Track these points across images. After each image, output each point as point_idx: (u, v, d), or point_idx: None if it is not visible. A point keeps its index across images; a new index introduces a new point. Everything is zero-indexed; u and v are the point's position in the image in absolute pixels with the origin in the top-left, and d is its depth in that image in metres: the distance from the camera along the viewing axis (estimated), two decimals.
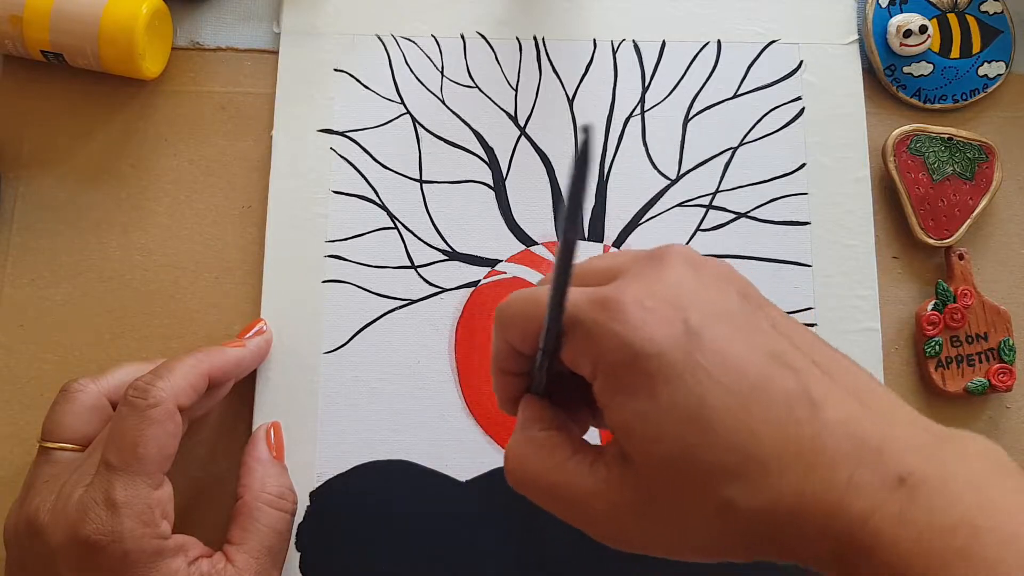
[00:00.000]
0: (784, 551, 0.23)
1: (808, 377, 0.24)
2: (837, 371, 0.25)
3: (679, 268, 0.26)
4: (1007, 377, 0.42)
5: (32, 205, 0.42)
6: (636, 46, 0.45)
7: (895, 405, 0.25)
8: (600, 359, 0.25)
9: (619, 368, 0.24)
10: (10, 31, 0.41)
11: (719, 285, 0.26)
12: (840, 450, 0.22)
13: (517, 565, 0.38)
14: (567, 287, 0.24)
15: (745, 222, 0.43)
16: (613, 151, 0.44)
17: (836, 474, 0.22)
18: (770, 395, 0.23)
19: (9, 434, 0.40)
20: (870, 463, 0.22)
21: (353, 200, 0.42)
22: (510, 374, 0.29)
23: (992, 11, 0.46)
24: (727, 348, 0.24)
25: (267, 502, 0.36)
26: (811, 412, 0.23)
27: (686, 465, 0.23)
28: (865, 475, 0.22)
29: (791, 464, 0.22)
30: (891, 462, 0.22)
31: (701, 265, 0.26)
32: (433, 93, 0.44)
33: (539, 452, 0.27)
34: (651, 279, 0.25)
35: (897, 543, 0.21)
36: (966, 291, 0.42)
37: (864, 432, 0.23)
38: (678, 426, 0.23)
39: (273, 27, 0.45)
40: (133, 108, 0.44)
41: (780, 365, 0.24)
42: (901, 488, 0.22)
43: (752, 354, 0.24)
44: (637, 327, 0.24)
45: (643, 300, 0.24)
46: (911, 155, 0.43)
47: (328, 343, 0.41)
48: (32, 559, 0.32)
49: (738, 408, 0.23)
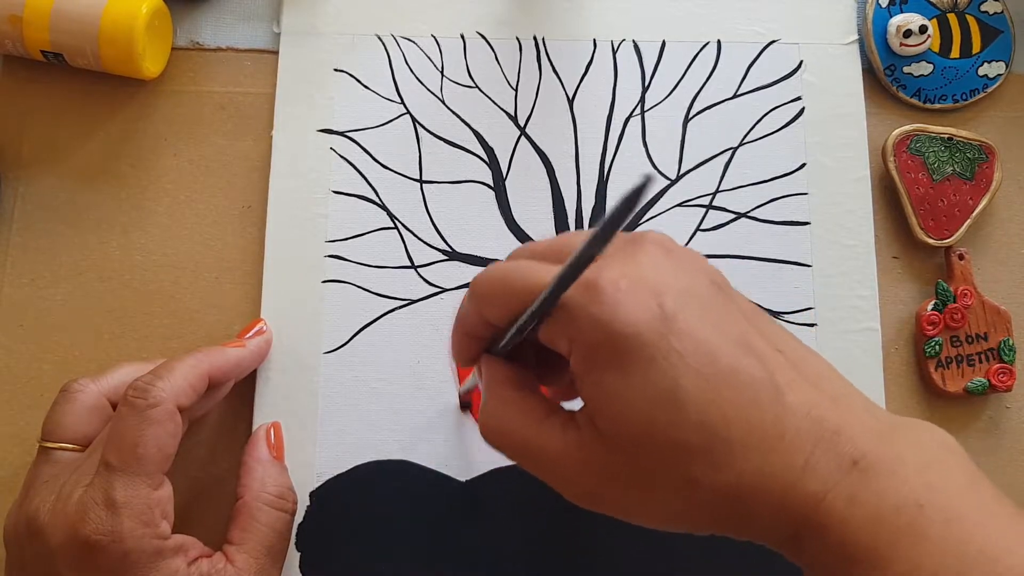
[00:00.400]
0: (743, 528, 0.25)
1: (773, 364, 0.25)
2: (799, 360, 0.26)
3: (654, 253, 0.26)
4: (1007, 377, 0.42)
5: (32, 205, 0.42)
6: (636, 46, 0.45)
7: (852, 394, 0.26)
8: (577, 337, 0.25)
9: (595, 347, 0.25)
10: (10, 31, 0.41)
11: (692, 272, 0.27)
12: (799, 434, 0.24)
13: (517, 565, 0.38)
14: (569, 286, 0.24)
15: (745, 222, 0.43)
16: (613, 151, 0.44)
17: (794, 456, 0.24)
18: (738, 379, 0.24)
19: (9, 434, 0.40)
20: (826, 446, 0.24)
21: (353, 200, 0.42)
22: (474, 337, 0.30)
23: (992, 11, 0.46)
24: (699, 333, 0.25)
25: (267, 502, 0.36)
26: (774, 397, 0.24)
27: (654, 442, 0.24)
28: (821, 457, 0.24)
29: (754, 445, 0.24)
30: (846, 446, 0.24)
31: (675, 251, 0.27)
32: (433, 93, 0.44)
33: (514, 412, 0.28)
34: (628, 262, 0.26)
35: (848, 521, 0.23)
36: (966, 291, 0.42)
37: (822, 417, 0.24)
38: (649, 405, 0.24)
39: (273, 27, 0.45)
40: (133, 108, 0.44)
41: (747, 352, 0.25)
42: (854, 470, 0.24)
43: (722, 340, 0.25)
44: (614, 308, 0.24)
45: (620, 282, 0.25)
46: (911, 155, 0.43)
47: (328, 343, 0.41)
48: (32, 559, 0.32)
49: (708, 391, 0.24)
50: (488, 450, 0.29)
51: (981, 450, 0.42)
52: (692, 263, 0.27)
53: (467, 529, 0.39)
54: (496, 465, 0.40)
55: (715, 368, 0.24)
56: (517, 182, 0.43)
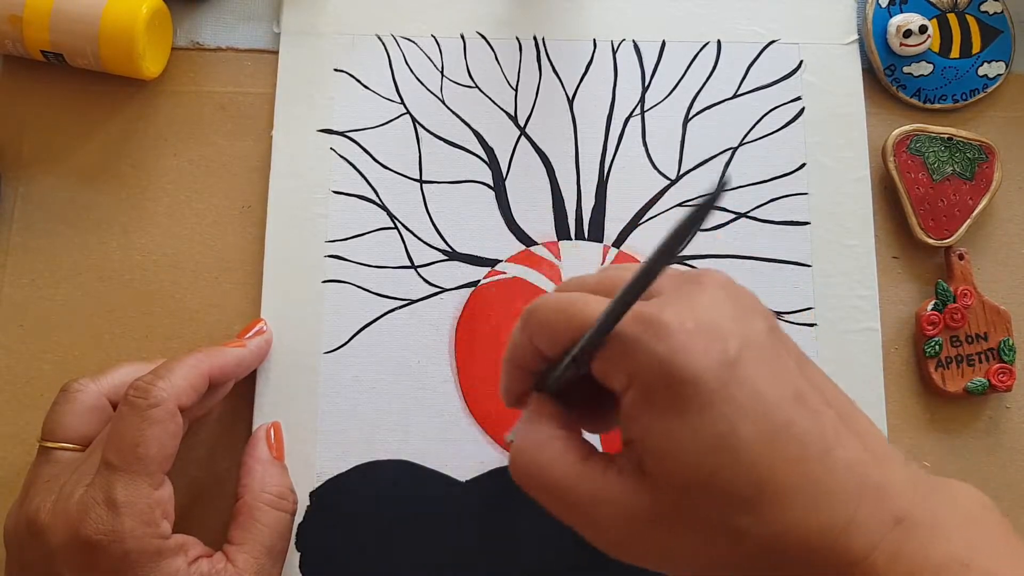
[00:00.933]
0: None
1: (824, 419, 0.25)
2: (846, 414, 0.26)
3: (717, 295, 0.26)
4: (1007, 377, 0.42)
5: (32, 205, 0.42)
6: (636, 46, 0.45)
7: (891, 450, 0.26)
8: (636, 375, 0.25)
9: (654, 386, 0.25)
10: (10, 31, 0.41)
11: (752, 316, 0.26)
12: (845, 489, 0.24)
13: (517, 565, 0.38)
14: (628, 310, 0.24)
15: (745, 222, 0.43)
16: (613, 151, 0.44)
17: (840, 512, 0.24)
18: (790, 433, 0.24)
19: (9, 434, 0.40)
20: (870, 503, 0.24)
21: (353, 200, 0.42)
22: (524, 370, 0.29)
23: (992, 11, 0.46)
24: (758, 383, 0.25)
25: (267, 502, 0.36)
26: (824, 452, 0.24)
27: (704, 488, 0.24)
28: (865, 514, 0.24)
29: (801, 499, 0.24)
30: (889, 503, 0.24)
31: (736, 293, 0.27)
32: (433, 93, 0.44)
33: (551, 450, 0.27)
34: (691, 303, 0.25)
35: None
36: (966, 291, 0.42)
37: (867, 474, 0.24)
38: (703, 449, 0.24)
39: (273, 27, 0.45)
40: (133, 108, 0.44)
41: (801, 405, 0.25)
42: (898, 527, 0.24)
43: (778, 392, 0.25)
44: (678, 350, 0.24)
45: (685, 322, 0.25)
46: (911, 155, 0.43)
47: (328, 343, 0.41)
48: (32, 559, 0.32)
49: (761, 442, 0.24)
50: (488, 450, 0.29)
51: (981, 450, 0.42)
52: (751, 306, 0.27)
53: (467, 529, 0.39)
54: (496, 465, 0.40)
55: (770, 420, 0.24)
56: (517, 182, 0.43)
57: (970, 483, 0.38)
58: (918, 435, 0.42)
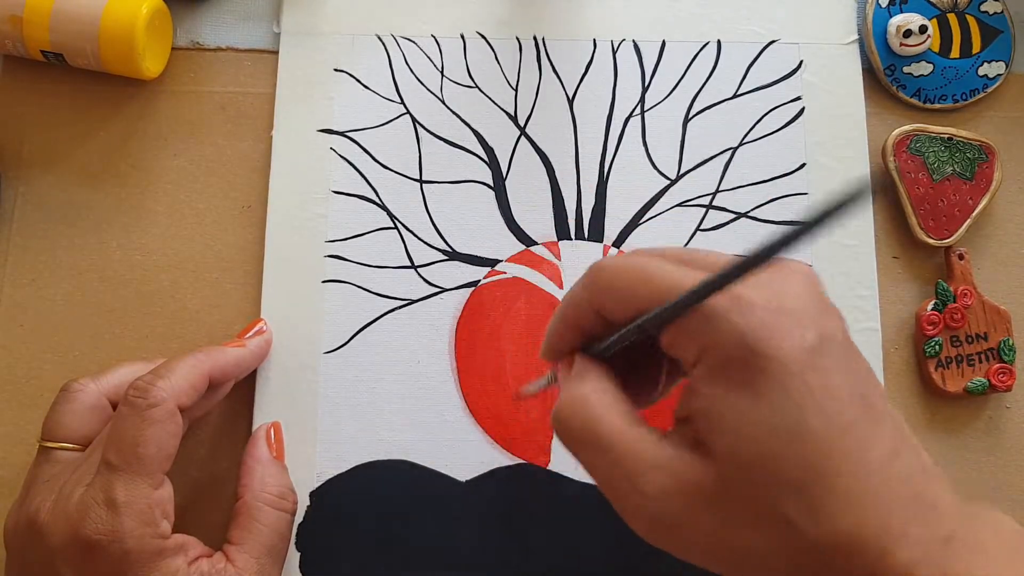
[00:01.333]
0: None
1: (887, 427, 0.25)
2: (903, 427, 0.26)
3: (803, 285, 0.26)
4: (1007, 377, 0.42)
5: (32, 205, 0.42)
6: (636, 46, 0.45)
7: (939, 469, 0.26)
8: (712, 347, 0.25)
9: (731, 361, 0.24)
10: (10, 31, 0.41)
11: (834, 315, 0.26)
12: (900, 501, 0.24)
13: (517, 565, 0.38)
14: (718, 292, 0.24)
15: (745, 222, 0.43)
16: (613, 151, 0.44)
17: (892, 523, 0.24)
18: (856, 434, 0.24)
19: (9, 434, 0.40)
20: (922, 518, 0.24)
21: (353, 200, 0.42)
22: (577, 329, 0.28)
23: (992, 11, 0.46)
24: (833, 376, 0.24)
25: (267, 502, 0.36)
26: (885, 460, 0.24)
27: (764, 470, 0.24)
28: (916, 529, 0.24)
29: (856, 502, 0.24)
30: (940, 521, 0.24)
31: (819, 290, 0.27)
32: (433, 93, 0.44)
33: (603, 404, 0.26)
34: (777, 288, 0.25)
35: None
36: (966, 291, 0.42)
37: (921, 490, 0.24)
38: (771, 432, 0.24)
39: (273, 27, 0.45)
40: (133, 108, 0.44)
41: (869, 409, 0.25)
42: (947, 546, 0.24)
43: (851, 390, 0.25)
44: (761, 328, 0.24)
45: (771, 303, 0.25)
46: (911, 155, 0.43)
47: (328, 343, 0.41)
48: (32, 559, 0.32)
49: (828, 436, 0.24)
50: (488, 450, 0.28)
51: (981, 450, 0.42)
52: (832, 307, 0.27)
53: (467, 529, 0.39)
54: (497, 465, 0.40)
55: (840, 415, 0.24)
56: (517, 182, 0.43)
57: (970, 483, 0.39)
58: (918, 435, 0.41)
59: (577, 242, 0.42)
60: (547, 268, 0.42)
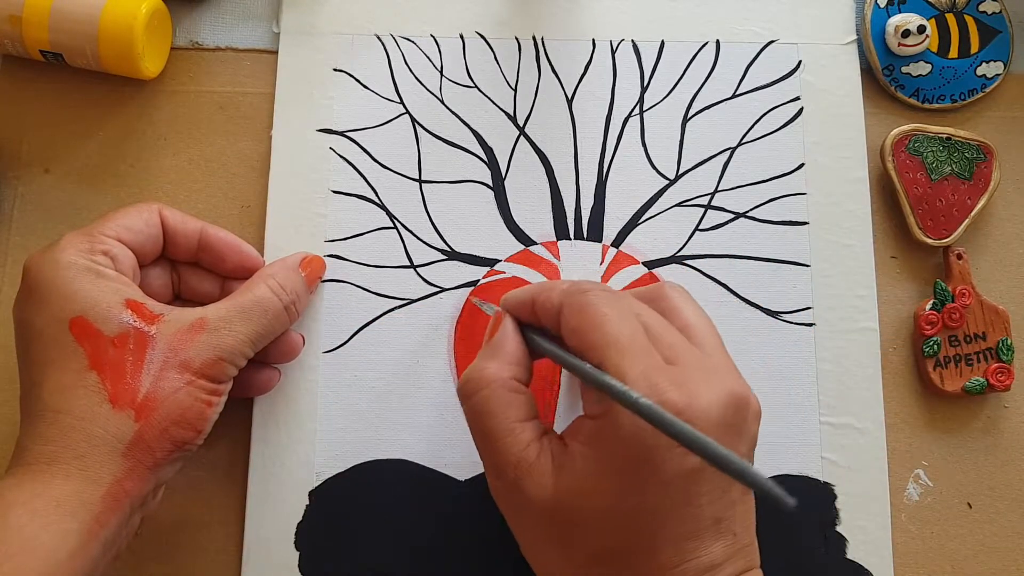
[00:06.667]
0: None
1: (713, 554, 0.29)
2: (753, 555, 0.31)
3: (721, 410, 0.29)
4: (1005, 377, 0.42)
5: (32, 205, 0.42)
6: (635, 46, 0.45)
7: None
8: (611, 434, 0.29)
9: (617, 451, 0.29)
10: (9, 31, 0.41)
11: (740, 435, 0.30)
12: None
13: (516, 564, 0.39)
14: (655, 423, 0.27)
15: (744, 222, 0.43)
16: (612, 151, 0.44)
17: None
18: (684, 547, 0.29)
19: (9, 434, 0.40)
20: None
21: (352, 200, 0.42)
22: (531, 312, 0.34)
23: (990, 11, 0.46)
24: (703, 498, 0.29)
25: (268, 283, 0.36)
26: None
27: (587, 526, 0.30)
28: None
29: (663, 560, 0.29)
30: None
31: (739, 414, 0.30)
32: (432, 93, 0.44)
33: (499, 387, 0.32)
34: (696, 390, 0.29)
35: None
36: (964, 291, 0.42)
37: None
38: (614, 504, 0.29)
39: (273, 27, 0.45)
40: (133, 108, 0.44)
41: (715, 528, 0.29)
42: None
43: (712, 514, 0.29)
44: (655, 447, 0.28)
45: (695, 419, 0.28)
46: (909, 155, 0.43)
47: (327, 343, 0.41)
48: None
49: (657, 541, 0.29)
50: None
51: (979, 450, 0.42)
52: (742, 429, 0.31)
53: (467, 529, 0.39)
54: None
55: (696, 526, 0.29)
56: (516, 182, 0.43)
57: (968, 483, 0.40)
58: (916, 435, 0.42)
59: (576, 242, 0.42)
60: (546, 268, 0.42)
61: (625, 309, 0.31)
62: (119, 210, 0.36)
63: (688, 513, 0.28)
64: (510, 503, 0.32)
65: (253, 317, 0.35)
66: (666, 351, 0.30)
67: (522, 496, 0.30)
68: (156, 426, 0.32)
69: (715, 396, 0.28)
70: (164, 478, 0.34)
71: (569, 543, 0.30)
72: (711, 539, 0.29)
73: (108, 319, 0.32)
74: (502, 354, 0.33)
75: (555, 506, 0.29)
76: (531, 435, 0.31)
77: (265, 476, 0.39)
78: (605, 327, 0.30)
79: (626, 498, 0.28)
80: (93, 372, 0.31)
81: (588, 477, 0.29)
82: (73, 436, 0.31)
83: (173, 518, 0.39)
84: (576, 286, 0.32)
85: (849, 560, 0.39)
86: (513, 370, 0.32)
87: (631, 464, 0.28)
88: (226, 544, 0.39)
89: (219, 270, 0.39)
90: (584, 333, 0.30)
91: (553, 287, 0.33)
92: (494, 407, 0.31)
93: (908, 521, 0.41)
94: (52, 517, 0.29)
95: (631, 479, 0.28)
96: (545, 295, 0.33)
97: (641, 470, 0.28)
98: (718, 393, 0.28)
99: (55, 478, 0.30)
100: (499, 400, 0.31)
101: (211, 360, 0.33)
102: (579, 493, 0.29)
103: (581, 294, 0.31)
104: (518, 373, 0.32)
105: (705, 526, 0.29)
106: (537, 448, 0.31)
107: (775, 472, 0.40)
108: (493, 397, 0.31)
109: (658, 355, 0.29)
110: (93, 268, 0.33)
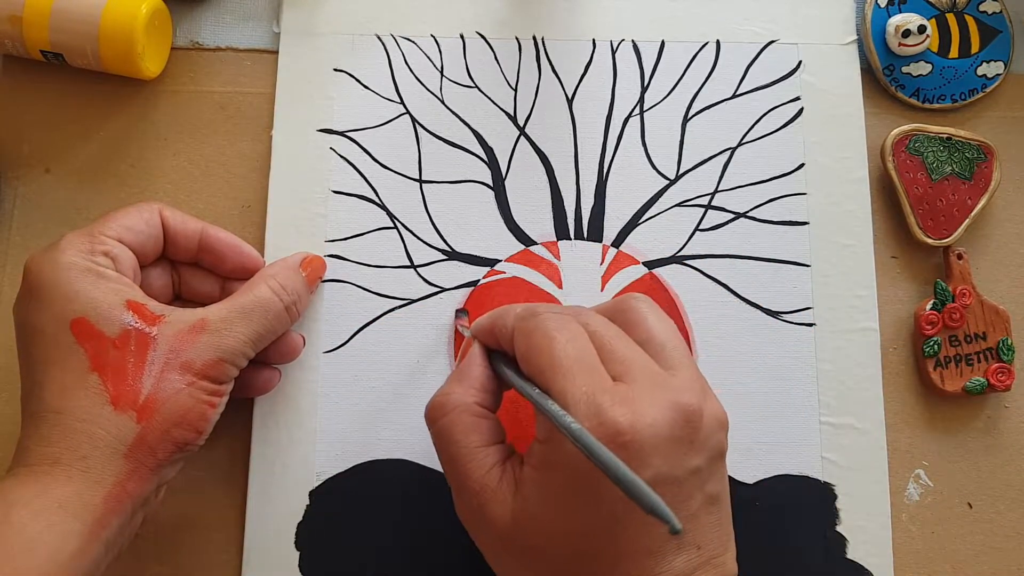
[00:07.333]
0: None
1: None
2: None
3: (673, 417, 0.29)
4: (1006, 377, 0.42)
5: (32, 205, 0.42)
6: (635, 46, 0.45)
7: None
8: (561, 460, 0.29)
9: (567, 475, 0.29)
10: (10, 31, 0.41)
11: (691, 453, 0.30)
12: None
13: None
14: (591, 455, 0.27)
15: (744, 222, 0.43)
16: (612, 151, 0.44)
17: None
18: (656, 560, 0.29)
19: (9, 434, 0.40)
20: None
21: (353, 200, 0.42)
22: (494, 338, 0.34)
23: (991, 11, 0.46)
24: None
25: (269, 284, 0.36)
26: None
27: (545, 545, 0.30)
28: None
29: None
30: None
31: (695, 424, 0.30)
32: (433, 93, 0.44)
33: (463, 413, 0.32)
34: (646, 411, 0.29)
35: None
36: (965, 291, 0.42)
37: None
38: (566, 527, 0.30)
39: (273, 27, 0.45)
40: (133, 108, 0.44)
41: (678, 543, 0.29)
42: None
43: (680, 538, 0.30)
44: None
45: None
46: (910, 155, 0.43)
47: (328, 343, 0.41)
48: None
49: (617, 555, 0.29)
50: None
51: (980, 450, 0.42)
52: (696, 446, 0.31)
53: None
54: None
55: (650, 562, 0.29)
56: (516, 182, 0.43)
57: (969, 483, 0.40)
58: (917, 435, 0.42)
59: (576, 242, 0.42)
60: (546, 268, 0.42)
61: (574, 330, 0.31)
62: (119, 210, 0.36)
63: (640, 531, 0.28)
64: (474, 526, 0.32)
65: (254, 318, 0.35)
66: (617, 367, 0.30)
67: (484, 520, 0.31)
68: (158, 428, 0.32)
69: (660, 411, 0.28)
70: (165, 478, 0.34)
71: (531, 565, 0.30)
72: (672, 553, 0.29)
73: (109, 320, 0.32)
74: (468, 380, 0.33)
75: (513, 530, 0.30)
76: (493, 459, 0.31)
77: (265, 476, 0.39)
78: (551, 350, 0.30)
79: (573, 520, 0.29)
80: (94, 374, 0.31)
81: (537, 502, 0.29)
82: (75, 438, 0.31)
83: (173, 518, 0.39)
84: (529, 310, 0.33)
85: (849, 560, 0.39)
86: (478, 395, 0.33)
87: (572, 487, 0.29)
88: (226, 544, 0.39)
89: (219, 270, 0.39)
90: (531, 357, 0.31)
91: (508, 312, 0.33)
92: (458, 433, 0.32)
93: (908, 521, 0.41)
94: (54, 518, 0.30)
95: (575, 501, 0.29)
96: (501, 321, 0.33)
97: (582, 492, 0.28)
98: (664, 408, 0.28)
99: (57, 479, 0.30)
100: (463, 425, 0.32)
101: (212, 361, 0.33)
102: (532, 517, 0.29)
103: (532, 318, 0.32)
104: (483, 399, 0.33)
105: (661, 542, 0.29)
106: (499, 473, 0.31)
107: (775, 472, 0.40)
108: (458, 422, 0.32)
109: (606, 374, 0.30)
110: (94, 269, 0.33)
